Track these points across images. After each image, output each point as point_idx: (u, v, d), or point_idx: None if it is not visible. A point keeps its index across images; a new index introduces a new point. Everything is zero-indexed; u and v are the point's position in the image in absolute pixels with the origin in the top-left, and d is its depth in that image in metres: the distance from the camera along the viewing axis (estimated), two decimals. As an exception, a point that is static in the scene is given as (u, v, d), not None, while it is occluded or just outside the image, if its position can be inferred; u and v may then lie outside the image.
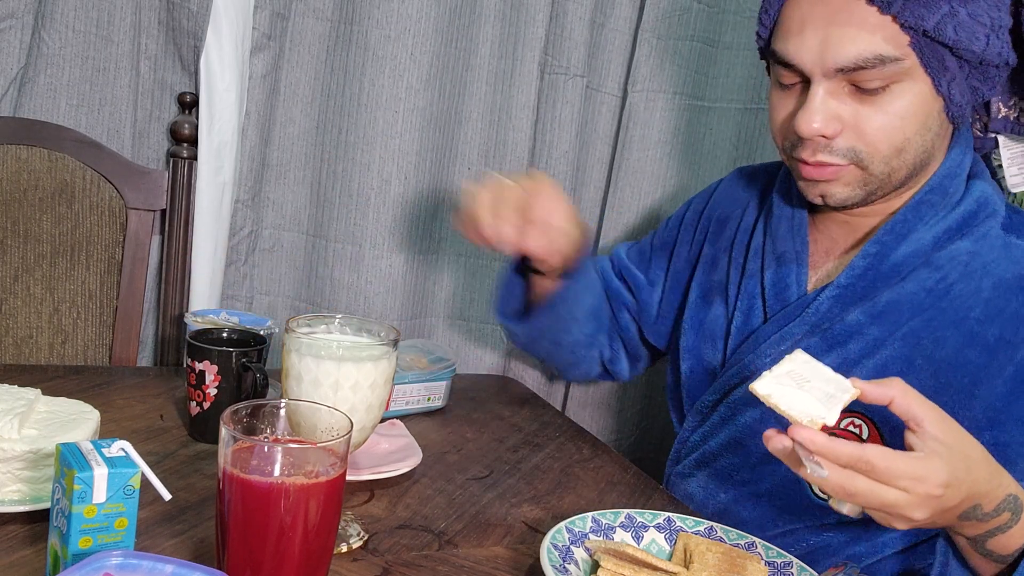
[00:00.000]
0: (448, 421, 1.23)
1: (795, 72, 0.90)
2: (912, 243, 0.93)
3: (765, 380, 0.73)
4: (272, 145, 1.47)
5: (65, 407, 0.88)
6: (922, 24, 0.84)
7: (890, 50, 0.85)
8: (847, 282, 0.95)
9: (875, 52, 0.85)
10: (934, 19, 0.83)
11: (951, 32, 0.84)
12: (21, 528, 0.77)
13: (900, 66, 0.86)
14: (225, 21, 1.32)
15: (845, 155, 0.90)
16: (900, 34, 0.85)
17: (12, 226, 1.32)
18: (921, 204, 0.94)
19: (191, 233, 1.39)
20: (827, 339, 0.95)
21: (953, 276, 0.92)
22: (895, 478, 0.70)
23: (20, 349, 1.34)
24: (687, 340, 1.13)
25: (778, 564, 0.84)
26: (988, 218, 0.94)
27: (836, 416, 0.71)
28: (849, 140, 0.89)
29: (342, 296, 1.50)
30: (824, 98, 0.88)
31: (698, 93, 1.56)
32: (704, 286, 1.13)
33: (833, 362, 0.93)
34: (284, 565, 0.65)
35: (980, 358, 0.89)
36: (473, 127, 1.53)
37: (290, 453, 0.67)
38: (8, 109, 1.32)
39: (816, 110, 0.88)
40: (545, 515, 0.95)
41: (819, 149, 0.90)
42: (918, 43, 0.85)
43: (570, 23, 1.49)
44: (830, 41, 0.86)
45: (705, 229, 1.17)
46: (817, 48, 0.87)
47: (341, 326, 0.86)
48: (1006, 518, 0.76)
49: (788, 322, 0.99)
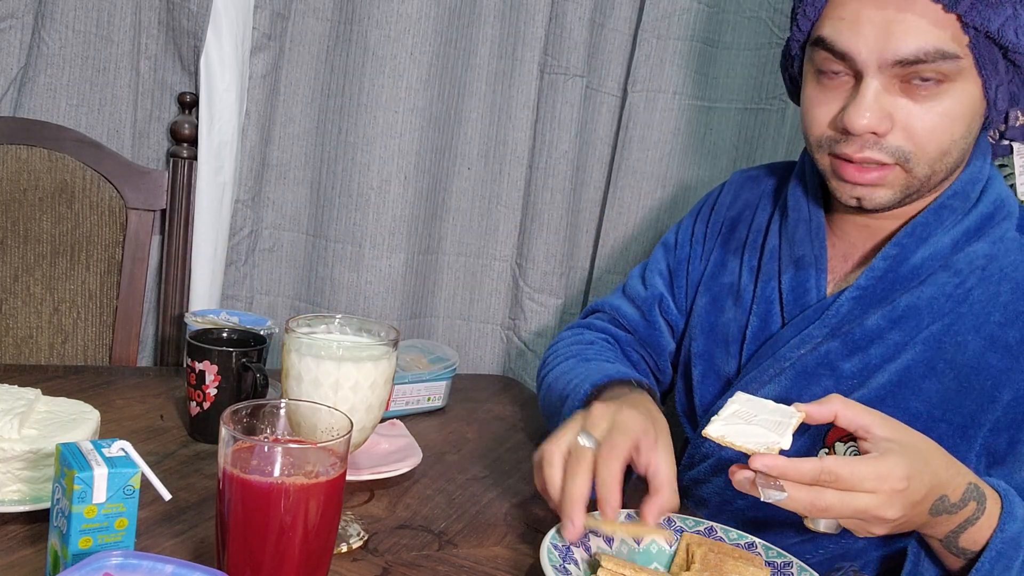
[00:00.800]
0: (448, 421, 1.23)
1: (846, 64, 0.88)
2: (931, 246, 0.92)
3: (715, 425, 0.76)
4: (272, 145, 1.47)
5: (65, 407, 0.88)
6: (987, 25, 0.83)
7: (952, 47, 0.84)
8: (867, 283, 0.94)
9: (936, 47, 0.83)
10: (999, 21, 0.83)
11: (1012, 35, 0.83)
12: (21, 528, 0.77)
13: (957, 65, 0.84)
14: (225, 21, 1.32)
15: (893, 154, 0.88)
16: (961, 33, 0.84)
17: (12, 226, 1.32)
18: (942, 208, 0.93)
19: (191, 233, 1.39)
20: (848, 343, 0.94)
21: (972, 281, 0.91)
22: (860, 481, 0.71)
23: (20, 349, 1.34)
24: (698, 345, 1.10)
25: (778, 564, 0.84)
26: (1004, 220, 0.93)
27: (789, 440, 0.73)
28: (898, 139, 0.88)
29: (342, 296, 1.50)
30: (878, 93, 0.86)
31: (698, 93, 1.55)
32: (713, 290, 1.11)
33: (855, 367, 0.93)
34: (284, 565, 0.65)
35: (1002, 362, 0.89)
36: (473, 127, 1.53)
37: (290, 453, 0.67)
38: (8, 109, 1.32)
39: (869, 105, 0.86)
40: (545, 515, 0.95)
41: (867, 145, 0.88)
42: (977, 44, 0.84)
43: (570, 23, 1.49)
44: (892, 32, 0.84)
45: (716, 234, 1.15)
46: (875, 39, 0.85)
47: (341, 326, 0.86)
48: (972, 508, 0.77)
49: (807, 325, 0.97)
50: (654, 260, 1.22)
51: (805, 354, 0.96)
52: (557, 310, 1.61)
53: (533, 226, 1.57)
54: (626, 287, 1.24)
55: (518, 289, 1.60)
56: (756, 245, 1.08)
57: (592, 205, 1.62)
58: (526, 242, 1.58)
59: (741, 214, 1.13)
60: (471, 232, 1.58)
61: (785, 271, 1.02)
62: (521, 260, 1.59)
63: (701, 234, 1.17)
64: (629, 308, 1.20)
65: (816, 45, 0.91)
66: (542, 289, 1.58)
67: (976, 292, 0.91)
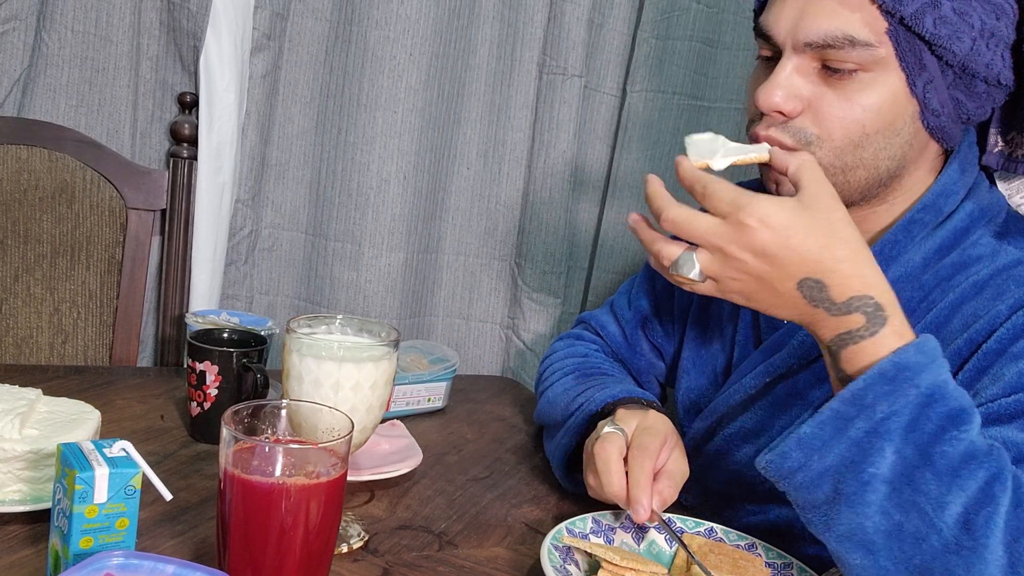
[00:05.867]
0: (448, 422, 1.23)
1: (771, 46, 0.86)
2: (902, 265, 0.87)
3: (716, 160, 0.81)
4: (272, 145, 1.47)
5: (66, 407, 0.88)
6: (900, 9, 0.78)
7: (864, 33, 0.80)
8: None
9: (846, 32, 0.80)
10: (913, 6, 0.78)
11: (930, 24, 0.78)
12: (22, 528, 0.77)
13: (872, 53, 0.80)
14: (225, 21, 1.32)
15: (795, 135, 0.84)
16: (879, 19, 0.80)
17: (12, 226, 1.32)
18: (912, 223, 0.88)
19: (191, 233, 1.39)
20: (815, 371, 0.91)
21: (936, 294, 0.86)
22: (716, 201, 0.72)
23: (20, 349, 1.34)
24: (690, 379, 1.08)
25: (778, 565, 0.84)
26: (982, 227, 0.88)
27: (725, 163, 0.78)
28: (803, 122, 0.84)
29: (342, 295, 1.50)
30: (790, 73, 0.84)
31: (697, 93, 1.56)
32: (701, 322, 1.09)
33: (824, 395, 0.89)
34: (285, 565, 0.65)
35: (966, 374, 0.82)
36: (472, 127, 1.53)
37: (291, 454, 0.67)
38: (12, 110, 1.32)
39: (779, 84, 0.83)
40: (545, 516, 0.95)
41: (773, 125, 0.85)
42: (895, 32, 0.80)
43: (568, 23, 1.50)
44: (805, 14, 0.82)
45: None
46: (791, 20, 0.83)
47: (342, 326, 0.86)
48: (858, 322, 0.70)
49: (773, 353, 0.94)
50: (643, 277, 1.20)
51: (773, 383, 0.93)
52: (556, 310, 1.61)
53: (532, 226, 1.57)
54: (614, 303, 1.23)
55: (517, 289, 1.60)
56: None
57: (592, 205, 1.62)
58: (525, 242, 1.58)
59: None
60: (470, 232, 1.58)
61: None
62: (520, 260, 1.59)
63: None
64: (614, 327, 1.20)
65: (754, 29, 0.89)
66: (542, 289, 1.59)
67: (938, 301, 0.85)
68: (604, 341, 1.20)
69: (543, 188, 1.55)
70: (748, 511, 0.99)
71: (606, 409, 0.97)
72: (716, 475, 1.01)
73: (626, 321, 1.19)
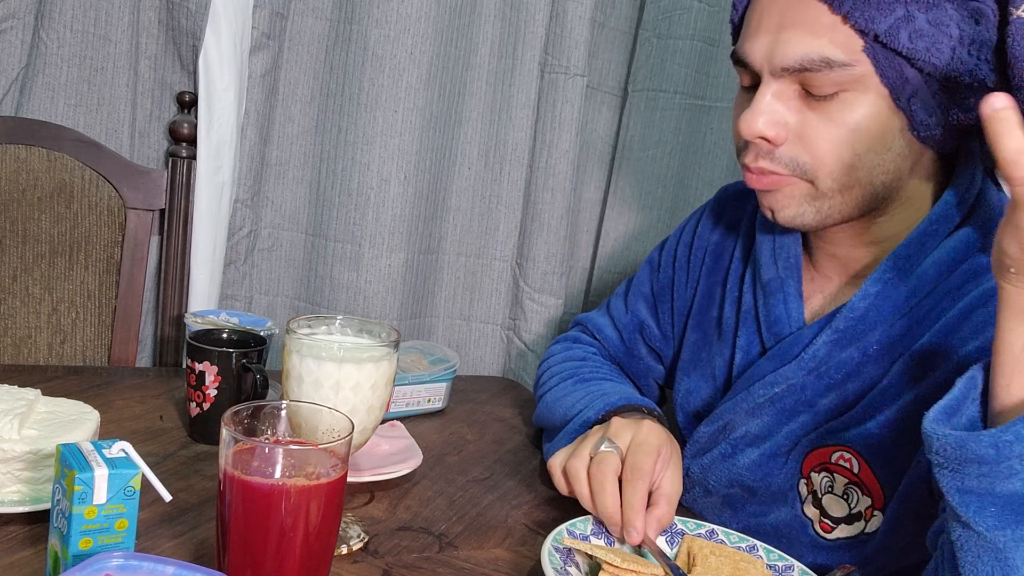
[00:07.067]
0: (449, 423, 1.22)
1: (749, 72, 0.86)
2: (916, 278, 0.86)
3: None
4: (271, 144, 1.47)
5: (65, 407, 0.87)
6: (872, 27, 0.77)
7: (838, 54, 0.79)
8: (845, 326, 0.89)
9: (822, 55, 0.78)
10: (886, 23, 0.76)
11: (905, 39, 0.76)
12: (21, 529, 0.77)
13: (850, 72, 0.79)
14: (224, 20, 1.32)
15: (787, 165, 0.83)
16: (853, 38, 0.78)
17: (11, 226, 1.32)
18: (926, 236, 0.86)
19: (190, 233, 1.38)
20: (824, 379, 0.90)
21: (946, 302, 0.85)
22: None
23: (19, 349, 1.34)
24: (687, 383, 1.08)
25: (780, 568, 0.84)
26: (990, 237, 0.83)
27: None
28: (793, 149, 0.83)
29: (341, 296, 1.50)
30: (771, 100, 0.83)
31: (699, 92, 1.55)
32: (703, 325, 1.08)
33: (832, 402, 0.89)
34: (285, 567, 0.65)
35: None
36: (473, 127, 1.53)
37: (291, 454, 0.67)
38: (10, 109, 1.32)
39: (760, 111, 0.82)
40: (546, 517, 0.95)
41: (761, 155, 0.84)
42: (872, 49, 0.78)
43: (570, 22, 1.49)
44: (779, 40, 0.81)
45: (700, 262, 1.11)
46: (767, 47, 0.82)
47: (342, 327, 0.85)
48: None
49: (783, 363, 0.94)
50: (639, 280, 1.19)
51: (781, 392, 0.93)
52: (557, 310, 1.60)
53: (533, 226, 1.57)
54: (610, 305, 1.22)
55: (518, 289, 1.60)
56: (738, 273, 1.05)
57: (592, 205, 1.62)
58: (526, 242, 1.58)
59: (723, 239, 1.09)
60: (471, 232, 1.58)
61: (760, 297, 0.99)
62: (521, 260, 1.59)
63: (684, 259, 1.13)
64: (611, 331, 1.19)
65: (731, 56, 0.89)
66: (542, 289, 1.58)
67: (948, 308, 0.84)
68: (601, 345, 1.20)
69: (544, 188, 1.55)
70: (749, 513, 0.99)
71: (604, 417, 0.97)
72: (718, 477, 1.01)
73: (623, 326, 1.18)
